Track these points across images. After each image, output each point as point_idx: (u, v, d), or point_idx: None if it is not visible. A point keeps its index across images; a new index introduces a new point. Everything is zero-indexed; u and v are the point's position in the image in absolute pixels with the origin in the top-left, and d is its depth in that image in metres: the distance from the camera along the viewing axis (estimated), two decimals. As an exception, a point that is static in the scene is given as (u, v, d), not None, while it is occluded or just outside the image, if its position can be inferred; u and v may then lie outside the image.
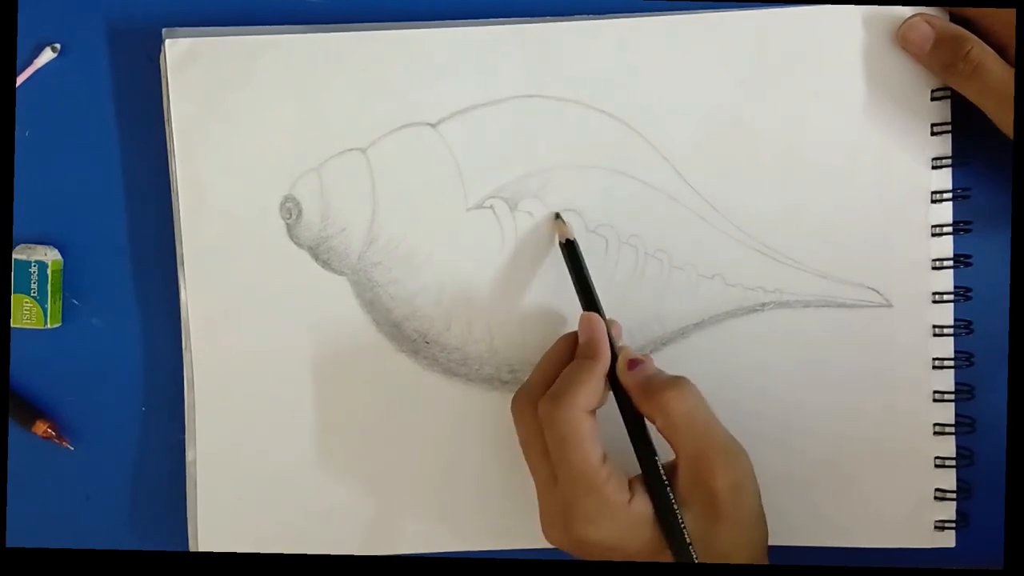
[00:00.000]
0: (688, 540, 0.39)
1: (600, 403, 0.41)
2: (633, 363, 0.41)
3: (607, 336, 0.42)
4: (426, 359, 0.47)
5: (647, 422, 0.41)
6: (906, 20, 0.45)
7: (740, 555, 0.40)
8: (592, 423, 0.40)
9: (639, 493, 0.40)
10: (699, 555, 0.39)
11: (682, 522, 0.40)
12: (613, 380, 0.42)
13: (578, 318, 0.43)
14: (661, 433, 0.41)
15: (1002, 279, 0.46)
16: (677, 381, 0.41)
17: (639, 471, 0.41)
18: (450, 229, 0.46)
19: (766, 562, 0.42)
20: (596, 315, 0.43)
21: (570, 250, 0.45)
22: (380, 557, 0.47)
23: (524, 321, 0.46)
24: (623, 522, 0.40)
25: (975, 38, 0.43)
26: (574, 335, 0.44)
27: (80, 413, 0.48)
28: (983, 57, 0.43)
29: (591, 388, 0.40)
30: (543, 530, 0.42)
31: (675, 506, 0.40)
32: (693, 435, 0.40)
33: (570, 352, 0.43)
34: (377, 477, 0.47)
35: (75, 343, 0.48)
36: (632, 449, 0.41)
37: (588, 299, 0.44)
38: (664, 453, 0.41)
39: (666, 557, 0.40)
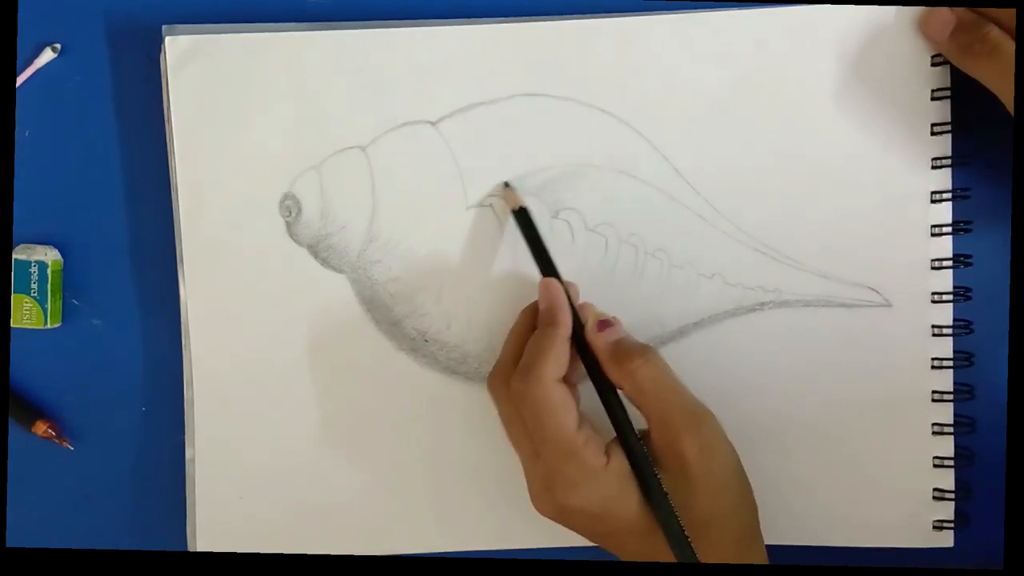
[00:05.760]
0: (665, 492, 0.39)
1: (569, 367, 0.41)
2: (603, 324, 0.42)
3: (567, 300, 0.42)
4: (425, 357, 0.47)
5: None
6: (926, 9, 0.45)
7: (723, 524, 0.40)
8: (563, 391, 0.41)
9: (616, 454, 0.41)
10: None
11: (657, 473, 0.40)
12: (579, 344, 0.42)
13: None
14: (629, 399, 0.41)
15: (1002, 279, 0.46)
16: (644, 349, 0.41)
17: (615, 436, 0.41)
18: (450, 227, 0.46)
19: (759, 532, 0.42)
20: (554, 280, 0.43)
21: (523, 217, 0.45)
22: (380, 557, 0.47)
23: (524, 320, 0.46)
24: (603, 484, 0.40)
25: (993, 24, 0.43)
26: (535, 305, 0.44)
27: (80, 413, 0.48)
28: (1002, 39, 0.42)
29: (556, 356, 0.41)
30: (532, 502, 0.42)
31: (648, 458, 0.40)
32: (660, 399, 0.40)
33: (534, 323, 0.43)
34: (376, 476, 0.47)
35: (75, 343, 0.48)
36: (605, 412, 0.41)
37: (545, 265, 0.44)
38: (636, 422, 0.41)
39: (653, 527, 0.40)
